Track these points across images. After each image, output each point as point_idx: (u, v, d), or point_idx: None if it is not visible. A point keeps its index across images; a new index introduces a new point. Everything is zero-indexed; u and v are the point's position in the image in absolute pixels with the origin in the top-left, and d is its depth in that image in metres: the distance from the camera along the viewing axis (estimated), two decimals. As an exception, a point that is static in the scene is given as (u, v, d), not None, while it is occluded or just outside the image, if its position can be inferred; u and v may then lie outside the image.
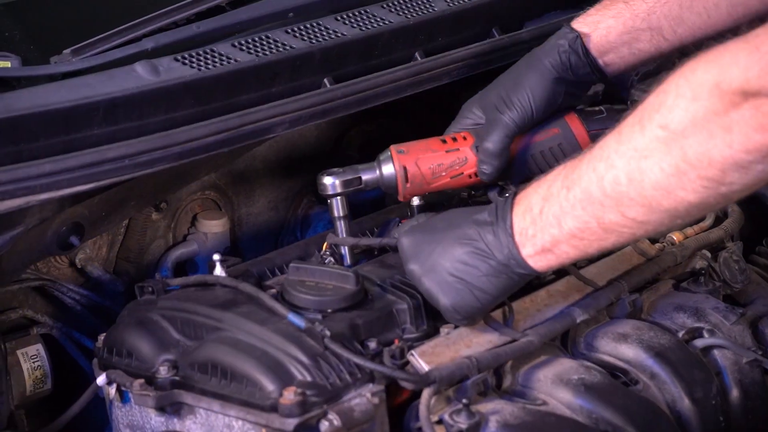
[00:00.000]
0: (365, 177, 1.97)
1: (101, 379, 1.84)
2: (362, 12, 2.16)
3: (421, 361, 1.74)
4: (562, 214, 1.65)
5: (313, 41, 2.05)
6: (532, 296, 1.92)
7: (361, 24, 2.13)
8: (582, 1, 2.29)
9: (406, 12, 2.20)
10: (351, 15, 2.14)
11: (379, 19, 2.15)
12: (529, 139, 2.00)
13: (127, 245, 2.27)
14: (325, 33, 2.08)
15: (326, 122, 2.35)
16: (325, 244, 2.00)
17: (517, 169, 1.99)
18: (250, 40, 2.01)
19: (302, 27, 2.08)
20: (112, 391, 1.82)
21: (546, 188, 1.68)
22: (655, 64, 2.14)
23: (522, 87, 1.97)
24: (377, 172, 1.96)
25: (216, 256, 1.92)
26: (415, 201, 2.03)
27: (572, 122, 2.01)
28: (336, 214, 1.98)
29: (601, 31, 2.01)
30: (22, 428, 2.08)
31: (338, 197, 1.97)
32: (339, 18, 2.13)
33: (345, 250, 1.98)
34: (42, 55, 1.98)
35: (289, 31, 2.06)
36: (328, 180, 1.96)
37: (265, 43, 2.02)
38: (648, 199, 1.55)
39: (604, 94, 2.13)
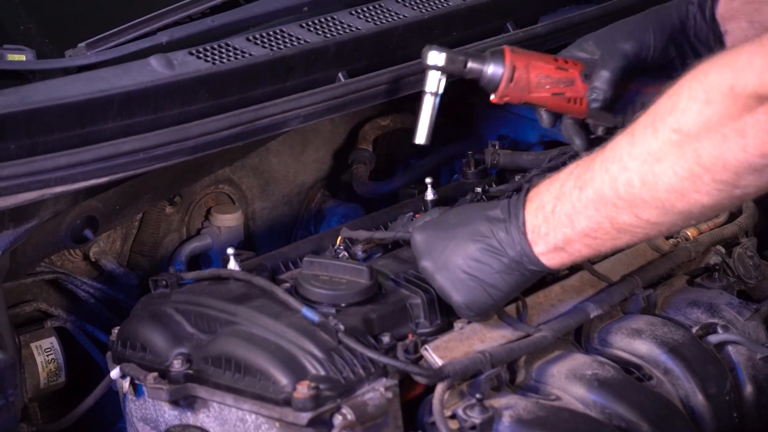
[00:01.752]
0: (471, 64, 1.90)
1: (115, 373, 1.84)
2: (377, 6, 2.16)
3: (434, 355, 1.74)
4: (575, 214, 1.64)
5: (328, 35, 2.05)
6: (545, 291, 1.92)
7: (375, 18, 2.13)
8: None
9: (421, 6, 2.19)
10: (365, 9, 2.15)
11: (393, 14, 2.15)
12: (639, 87, 1.94)
13: (141, 239, 2.27)
14: (339, 27, 2.08)
15: (340, 117, 2.34)
16: (339, 238, 2.00)
17: (618, 111, 1.93)
18: (264, 34, 2.02)
19: (317, 21, 2.08)
20: (126, 384, 1.83)
21: (558, 187, 1.67)
22: None
23: (645, 26, 1.92)
24: (484, 63, 1.90)
25: (230, 250, 1.92)
26: (429, 195, 2.02)
27: None
28: (427, 89, 1.92)
29: None
30: (36, 421, 2.08)
31: (436, 71, 1.91)
32: (353, 12, 2.13)
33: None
34: (57, 49, 2.00)
35: (304, 25, 2.07)
36: (434, 52, 1.90)
37: (279, 37, 2.02)
38: (662, 201, 1.55)
39: None
